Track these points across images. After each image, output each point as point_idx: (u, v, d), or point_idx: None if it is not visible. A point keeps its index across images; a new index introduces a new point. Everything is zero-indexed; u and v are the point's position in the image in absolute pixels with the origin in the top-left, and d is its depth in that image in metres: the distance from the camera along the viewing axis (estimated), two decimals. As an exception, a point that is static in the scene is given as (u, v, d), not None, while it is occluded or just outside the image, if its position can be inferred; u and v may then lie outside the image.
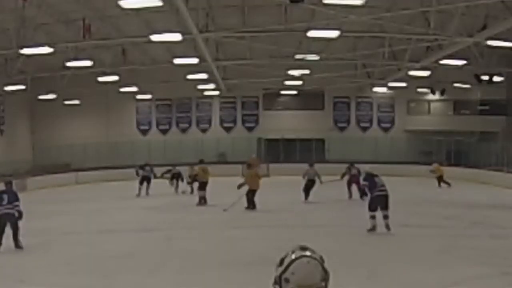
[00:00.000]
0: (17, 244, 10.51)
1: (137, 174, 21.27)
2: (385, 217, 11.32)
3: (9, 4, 15.79)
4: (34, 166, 28.74)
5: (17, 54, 18.51)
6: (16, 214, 10.52)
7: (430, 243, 10.52)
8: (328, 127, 32.51)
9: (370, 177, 11.91)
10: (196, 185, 18.52)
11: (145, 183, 20.54)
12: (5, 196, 10.67)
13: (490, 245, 10.22)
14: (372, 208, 11.46)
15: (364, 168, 12.70)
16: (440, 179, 22.83)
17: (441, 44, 19.39)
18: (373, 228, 11.40)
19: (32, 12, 16.12)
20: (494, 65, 23.13)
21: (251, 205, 15.80)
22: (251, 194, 15.78)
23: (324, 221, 13.90)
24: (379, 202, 11.39)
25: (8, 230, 10.31)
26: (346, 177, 18.74)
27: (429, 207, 13.70)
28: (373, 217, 11.40)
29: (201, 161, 19.06)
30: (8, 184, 11.14)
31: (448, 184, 22.37)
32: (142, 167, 21.16)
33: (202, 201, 17.19)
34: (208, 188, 17.19)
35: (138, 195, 20.32)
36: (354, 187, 18.16)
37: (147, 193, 20.53)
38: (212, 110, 33.51)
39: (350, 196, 18.38)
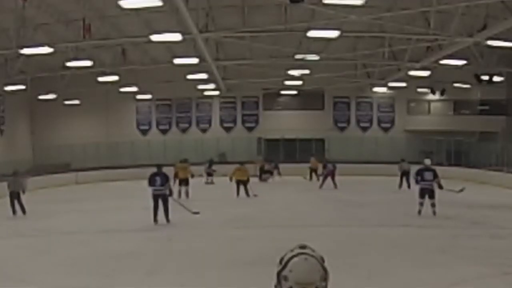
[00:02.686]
0: (167, 219, 12.98)
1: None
2: (432, 205, 13.58)
3: (9, 4, 15.78)
4: (34, 166, 28.70)
5: (17, 54, 18.51)
6: (168, 193, 13.02)
7: (430, 243, 10.52)
8: (328, 127, 32.51)
9: (421, 171, 13.93)
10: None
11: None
12: (158, 178, 12.97)
13: (490, 245, 10.21)
14: (419, 196, 13.77)
15: (425, 162, 14.31)
16: (314, 171, 25.77)
17: (441, 44, 19.38)
18: (418, 212, 13.69)
19: (32, 12, 16.13)
20: (494, 65, 23.10)
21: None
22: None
23: (324, 221, 13.90)
24: (425, 193, 13.64)
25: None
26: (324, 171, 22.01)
27: (429, 207, 13.73)
28: (420, 204, 13.71)
29: (182, 160, 19.87)
30: (159, 167, 13.31)
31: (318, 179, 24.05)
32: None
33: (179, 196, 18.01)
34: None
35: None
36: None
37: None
38: (212, 110, 33.50)
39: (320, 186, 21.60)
